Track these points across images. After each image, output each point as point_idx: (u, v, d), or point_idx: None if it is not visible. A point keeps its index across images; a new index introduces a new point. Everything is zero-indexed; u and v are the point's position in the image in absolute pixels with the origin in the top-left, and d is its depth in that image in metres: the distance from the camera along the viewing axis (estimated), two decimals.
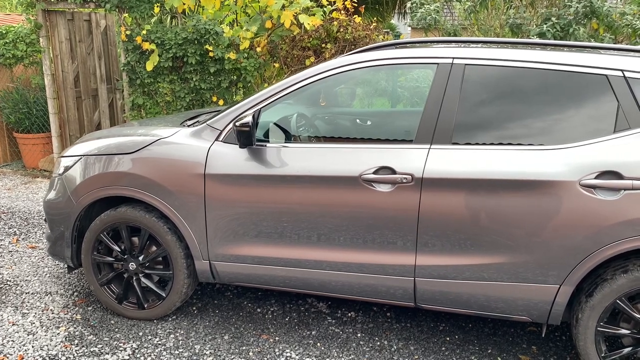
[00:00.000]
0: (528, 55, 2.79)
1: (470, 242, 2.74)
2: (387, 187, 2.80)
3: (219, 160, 3.06)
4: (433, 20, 6.70)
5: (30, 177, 6.91)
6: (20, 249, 4.55)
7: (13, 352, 3.08)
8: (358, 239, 2.91)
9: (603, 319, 2.63)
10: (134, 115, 6.17)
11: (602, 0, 5.45)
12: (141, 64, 5.91)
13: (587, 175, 2.54)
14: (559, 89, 2.73)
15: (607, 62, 2.68)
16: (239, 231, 3.08)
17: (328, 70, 3.03)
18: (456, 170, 2.71)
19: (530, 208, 2.61)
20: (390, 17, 14.40)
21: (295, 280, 3.11)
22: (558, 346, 3.21)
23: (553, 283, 2.67)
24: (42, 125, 7.21)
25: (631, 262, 2.60)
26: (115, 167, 3.24)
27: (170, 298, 3.33)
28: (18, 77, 7.44)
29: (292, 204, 2.97)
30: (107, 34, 7.22)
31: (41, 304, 3.62)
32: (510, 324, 3.42)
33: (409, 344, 3.21)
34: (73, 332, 3.29)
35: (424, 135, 2.81)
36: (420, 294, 2.91)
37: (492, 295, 2.79)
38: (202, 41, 5.67)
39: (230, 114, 3.14)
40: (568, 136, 2.65)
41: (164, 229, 3.21)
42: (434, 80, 2.86)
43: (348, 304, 3.66)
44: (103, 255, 3.40)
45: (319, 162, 2.93)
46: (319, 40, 5.70)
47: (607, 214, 2.51)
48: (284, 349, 3.14)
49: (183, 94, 5.89)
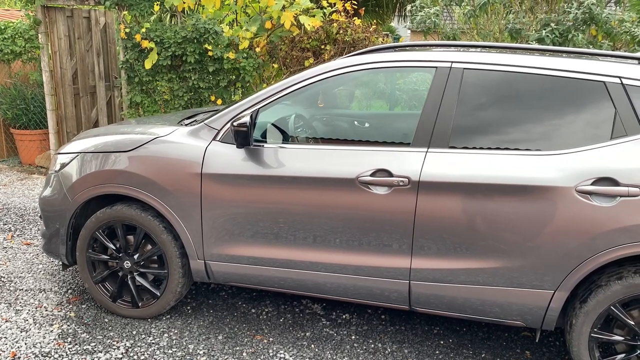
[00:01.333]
0: (527, 60, 2.79)
1: (466, 246, 2.74)
2: (384, 190, 2.80)
3: (216, 159, 3.05)
4: (433, 24, 6.72)
5: (27, 174, 6.89)
6: (14, 246, 4.53)
7: (5, 349, 3.07)
8: (354, 241, 2.91)
9: (597, 325, 2.64)
10: (132, 113, 6.16)
11: (601, 7, 5.47)
12: (140, 62, 5.89)
13: (583, 182, 2.54)
14: (557, 94, 2.73)
15: (605, 68, 2.68)
16: (234, 231, 3.08)
17: (327, 72, 3.03)
18: (453, 174, 2.71)
19: (526, 213, 2.62)
20: (389, 20, 14.41)
21: (290, 281, 3.10)
22: (552, 352, 3.21)
23: (548, 288, 2.67)
24: (40, 122, 7.19)
25: (625, 269, 2.60)
26: (111, 164, 3.23)
27: (165, 297, 3.33)
28: (16, 73, 7.43)
29: (289, 205, 2.96)
30: (106, 31, 7.22)
31: (35, 301, 3.61)
32: (504, 329, 3.42)
33: (403, 347, 3.21)
34: (66, 330, 3.28)
35: (422, 139, 2.82)
36: (415, 297, 2.91)
37: (487, 299, 2.79)
38: (202, 40, 5.66)
39: (228, 114, 3.13)
40: (565, 142, 2.66)
41: (160, 228, 3.20)
42: (432, 83, 2.86)
43: (343, 306, 3.66)
44: (98, 253, 3.39)
45: (316, 164, 2.93)
46: (318, 41, 5.70)
47: (602, 221, 2.52)
48: (277, 350, 3.14)
49: (181, 92, 5.88)
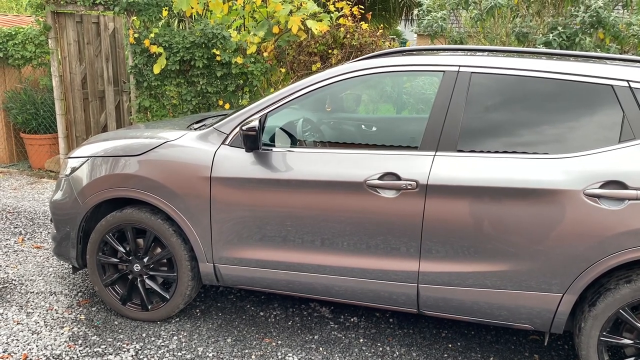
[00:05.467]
0: (534, 64, 2.80)
1: (474, 249, 2.74)
2: (392, 193, 2.81)
3: (225, 163, 3.08)
4: (439, 28, 6.72)
5: (36, 178, 6.95)
6: (25, 249, 4.57)
7: (17, 351, 3.10)
8: (362, 244, 2.92)
9: (606, 329, 2.63)
10: (141, 118, 6.21)
11: (609, 11, 5.46)
12: (148, 66, 5.94)
13: (591, 185, 2.54)
14: (565, 98, 2.74)
15: (612, 72, 2.69)
16: (243, 234, 3.10)
17: (334, 76, 3.05)
18: (461, 177, 2.72)
19: (534, 216, 2.62)
20: (396, 24, 14.44)
21: (298, 284, 3.12)
22: (560, 355, 3.20)
23: (556, 292, 2.67)
24: (49, 126, 7.26)
25: (635, 272, 2.60)
26: (121, 169, 3.27)
27: (174, 300, 3.35)
28: (26, 78, 7.50)
29: (297, 208, 2.98)
30: (115, 36, 7.27)
31: (45, 304, 3.64)
32: (513, 332, 3.42)
33: (412, 350, 3.21)
34: (77, 332, 3.30)
35: (430, 142, 2.83)
36: (423, 300, 2.92)
37: (495, 302, 2.79)
38: (210, 45, 5.70)
39: (237, 118, 3.16)
40: (573, 145, 2.66)
41: (169, 231, 3.23)
42: (440, 87, 2.88)
43: (351, 309, 3.67)
44: (108, 256, 3.42)
45: (324, 167, 2.95)
46: (325, 46, 5.73)
47: (611, 224, 2.52)
48: (286, 353, 3.15)
49: (190, 97, 5.92)
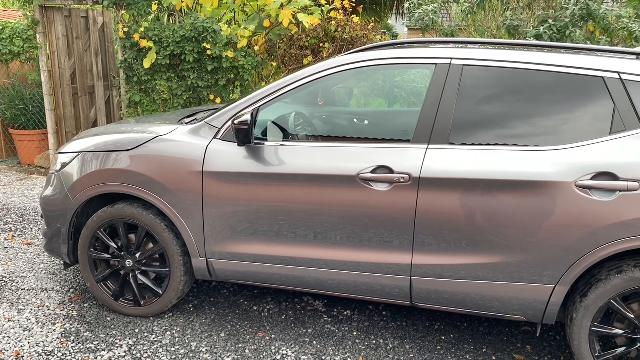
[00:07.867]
0: (526, 56, 2.80)
1: (467, 241, 2.75)
2: (385, 187, 2.81)
3: (217, 158, 3.06)
4: (430, 21, 6.72)
5: (26, 174, 6.89)
6: (15, 246, 4.54)
7: (9, 348, 3.08)
8: (355, 237, 2.92)
9: (597, 319, 2.66)
10: (131, 113, 6.16)
11: (599, 3, 5.48)
12: (138, 61, 5.89)
13: (583, 177, 2.56)
14: (556, 90, 2.75)
15: (603, 64, 2.70)
16: (236, 229, 3.09)
17: (326, 70, 3.04)
18: (453, 170, 2.72)
19: (526, 208, 2.63)
20: (387, 18, 14.41)
21: (291, 278, 3.12)
22: (552, 346, 3.23)
23: (548, 283, 2.69)
24: (38, 122, 7.19)
25: (625, 263, 2.62)
26: (112, 164, 3.24)
27: (167, 295, 3.34)
28: (14, 73, 7.43)
29: (290, 202, 2.98)
30: (104, 31, 7.21)
31: (37, 301, 3.62)
32: (505, 324, 3.44)
33: (405, 343, 3.22)
34: (69, 329, 3.29)
35: (422, 135, 2.83)
36: (416, 292, 2.93)
37: (488, 294, 2.81)
38: (200, 39, 5.66)
39: (228, 112, 3.14)
40: (564, 137, 2.67)
41: (161, 227, 3.21)
42: (432, 80, 2.87)
43: (344, 302, 3.68)
44: (100, 252, 3.40)
45: (317, 161, 2.94)
46: (317, 39, 5.71)
47: (602, 215, 2.54)
48: (280, 347, 3.15)
49: (180, 91, 5.88)
